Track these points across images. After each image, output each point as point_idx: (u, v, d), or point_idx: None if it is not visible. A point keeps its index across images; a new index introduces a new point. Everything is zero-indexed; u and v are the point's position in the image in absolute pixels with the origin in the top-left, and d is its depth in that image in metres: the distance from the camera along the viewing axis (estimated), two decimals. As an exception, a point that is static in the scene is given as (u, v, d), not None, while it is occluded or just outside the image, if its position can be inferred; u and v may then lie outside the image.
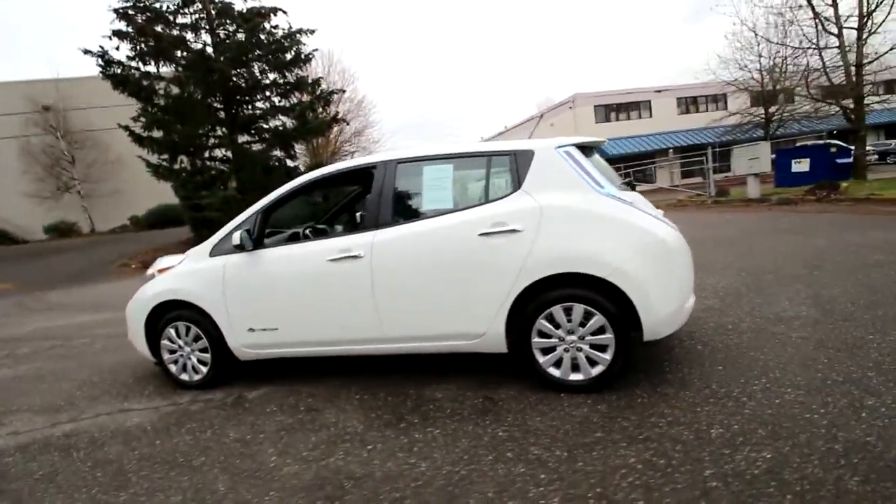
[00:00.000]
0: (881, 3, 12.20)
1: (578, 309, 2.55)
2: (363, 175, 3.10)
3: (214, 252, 3.26)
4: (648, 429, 2.20)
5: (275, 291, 3.04)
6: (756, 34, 15.53)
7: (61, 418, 3.16)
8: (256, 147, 17.76)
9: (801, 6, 13.33)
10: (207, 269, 3.21)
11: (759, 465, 1.86)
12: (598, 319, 2.53)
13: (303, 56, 17.75)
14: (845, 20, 12.56)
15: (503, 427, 2.36)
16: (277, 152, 18.30)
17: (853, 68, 12.79)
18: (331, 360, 3.51)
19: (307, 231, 3.60)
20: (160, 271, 3.48)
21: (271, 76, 17.78)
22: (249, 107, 17.93)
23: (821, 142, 18.81)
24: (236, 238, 2.99)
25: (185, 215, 17.11)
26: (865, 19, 12.34)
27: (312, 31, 17.29)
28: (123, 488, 2.21)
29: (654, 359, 2.98)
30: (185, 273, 3.30)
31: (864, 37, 12.46)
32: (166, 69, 16.36)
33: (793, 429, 2.07)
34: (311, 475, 2.14)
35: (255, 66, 17.32)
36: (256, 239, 3.09)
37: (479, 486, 1.92)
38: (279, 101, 18.24)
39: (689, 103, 29.30)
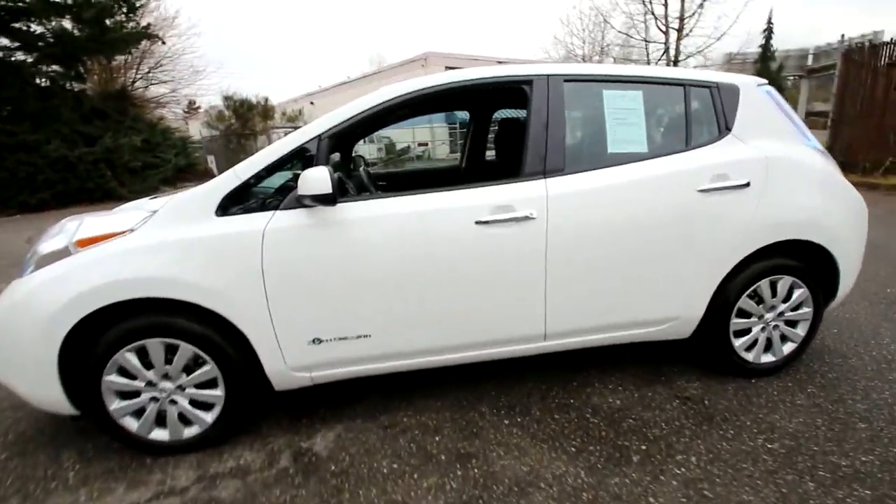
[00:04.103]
0: (693, 14, 14.98)
1: (786, 282, 2.17)
2: (508, 92, 2.06)
3: (227, 207, 1.77)
4: (884, 400, 2.00)
5: (371, 274, 1.81)
6: (603, 17, 17.38)
7: None
8: (21, 58, 12.28)
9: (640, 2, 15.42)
10: (220, 238, 1.73)
11: None
12: (801, 293, 2.19)
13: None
14: (672, 21, 15.05)
15: (762, 436, 1.84)
16: (56, 68, 13.05)
17: (672, 63, 15.55)
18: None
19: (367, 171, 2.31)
20: (83, 243, 1.76)
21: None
22: (0, -6, 12.13)
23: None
24: (317, 181, 1.63)
25: None
26: (683, 22, 15.00)
27: None
28: None
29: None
30: (161, 247, 1.72)
31: (682, 37, 15.17)
32: None
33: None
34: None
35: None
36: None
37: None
38: (51, -5, 12.83)
39: (524, 77, 31.68)
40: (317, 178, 1.64)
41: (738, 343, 2.22)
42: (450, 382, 2.31)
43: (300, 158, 1.85)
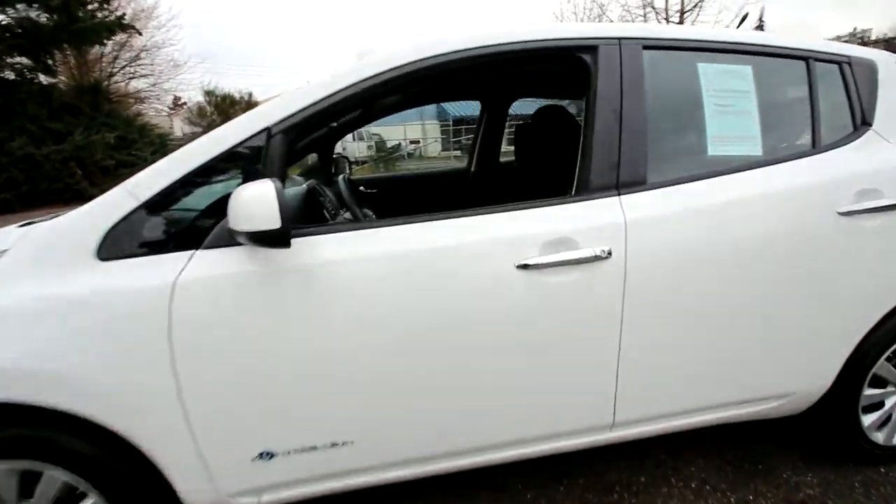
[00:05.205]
0: (694, 6, 14.48)
1: (934, 337, 1.55)
2: (546, 69, 1.40)
3: (117, 245, 1.09)
4: None
5: (354, 350, 1.15)
6: (600, 10, 16.75)
7: None
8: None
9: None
10: (102, 296, 1.05)
11: None
12: (953, 351, 1.58)
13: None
14: (672, 14, 14.52)
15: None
16: (22, 59, 12.18)
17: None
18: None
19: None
20: None
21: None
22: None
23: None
24: (256, 207, 0.96)
25: None
26: (684, 16, 14.49)
27: None
28: None
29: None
30: (5, 313, 1.04)
31: (683, 30, 14.64)
32: None
33: None
34: None
35: None
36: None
37: None
38: (11, -19, 11.91)
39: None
40: (255, 202, 0.96)
41: (867, 421, 1.59)
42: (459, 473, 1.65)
43: (241, 163, 1.18)
